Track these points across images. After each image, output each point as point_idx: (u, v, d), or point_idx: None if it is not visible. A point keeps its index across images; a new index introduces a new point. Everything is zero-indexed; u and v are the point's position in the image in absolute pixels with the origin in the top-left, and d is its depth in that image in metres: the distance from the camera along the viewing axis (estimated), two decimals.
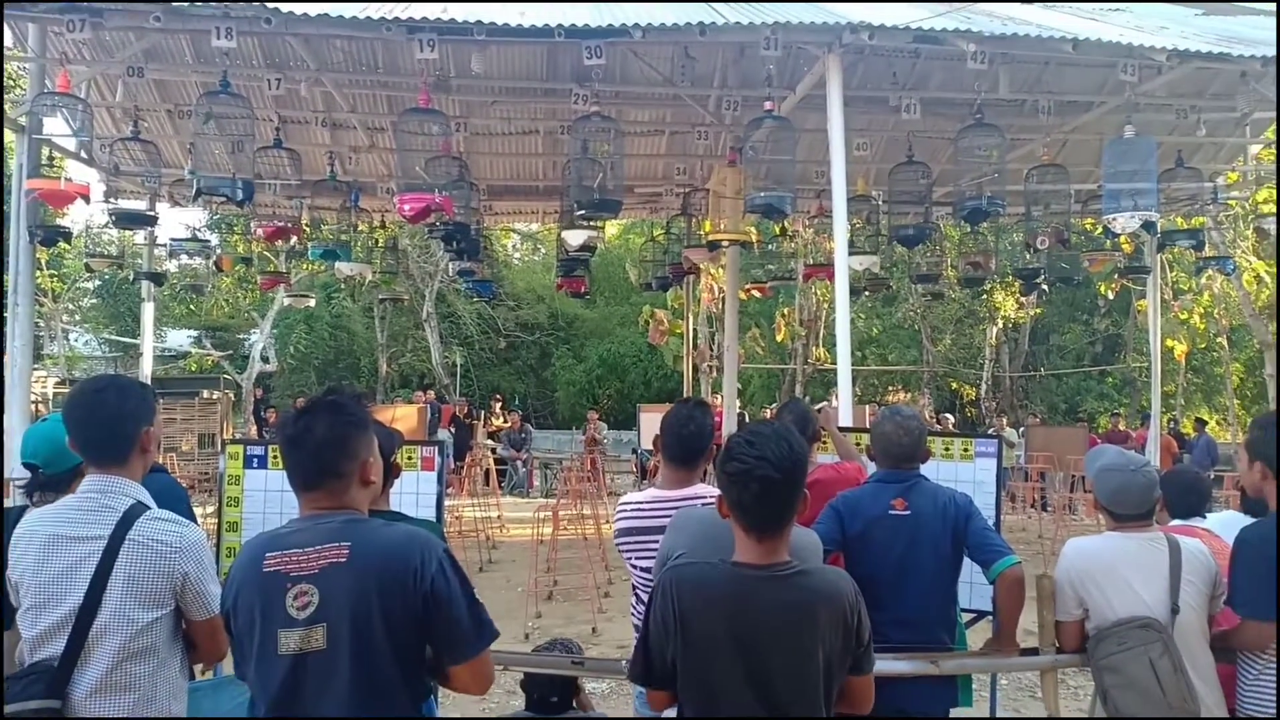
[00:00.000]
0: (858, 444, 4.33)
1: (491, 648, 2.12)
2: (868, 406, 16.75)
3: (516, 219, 15.35)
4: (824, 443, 4.25)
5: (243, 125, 6.86)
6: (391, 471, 2.78)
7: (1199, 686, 2.78)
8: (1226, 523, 3.41)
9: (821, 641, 2.03)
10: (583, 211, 7.08)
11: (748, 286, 12.29)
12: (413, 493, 3.75)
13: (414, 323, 25.59)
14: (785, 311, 19.97)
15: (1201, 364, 21.49)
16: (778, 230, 10.92)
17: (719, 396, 14.65)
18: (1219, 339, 18.72)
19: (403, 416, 13.29)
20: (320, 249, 9.66)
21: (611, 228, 24.75)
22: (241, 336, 25.85)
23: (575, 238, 7.90)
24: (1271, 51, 6.10)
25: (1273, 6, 8.03)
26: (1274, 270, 15.76)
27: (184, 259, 11.84)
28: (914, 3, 7.45)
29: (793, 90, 7.43)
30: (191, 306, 24.22)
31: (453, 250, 8.98)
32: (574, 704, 3.25)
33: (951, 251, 12.91)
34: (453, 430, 16.09)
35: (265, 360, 22.02)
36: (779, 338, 20.15)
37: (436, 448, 3.98)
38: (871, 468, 3.50)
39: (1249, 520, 3.22)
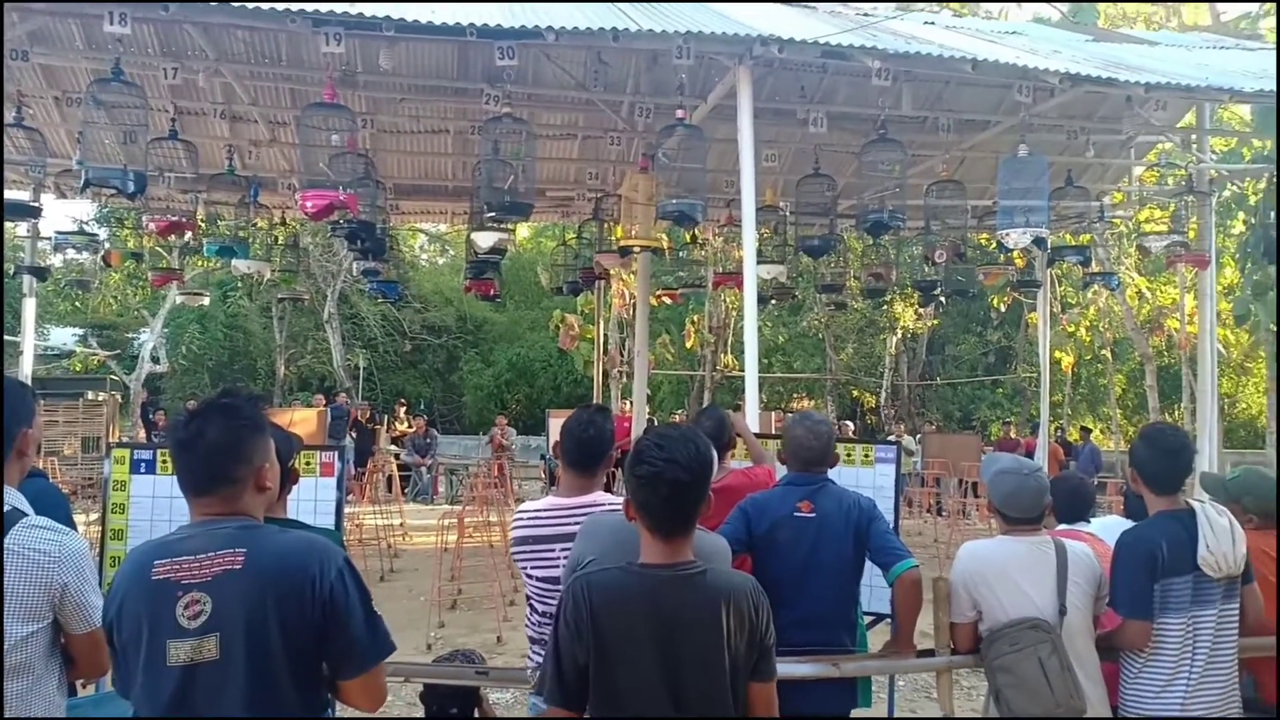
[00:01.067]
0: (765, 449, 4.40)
1: (392, 659, 2.07)
2: (773, 413, 17.04)
3: (424, 219, 15.08)
4: (735, 452, 4.29)
5: (136, 115, 6.54)
6: (289, 477, 2.69)
7: (1085, 684, 2.90)
8: (1109, 527, 3.57)
9: (728, 640, 2.06)
10: (493, 213, 7.00)
11: (658, 293, 12.35)
12: (311, 499, 3.64)
13: (315, 324, 24.91)
14: (695, 318, 20.17)
15: (1087, 375, 22.54)
16: (688, 238, 11.02)
17: (629, 402, 14.69)
18: (1103, 351, 19.66)
19: (301, 420, 12.93)
20: (216, 245, 9.30)
21: (523, 231, 24.59)
22: (130, 335, 24.74)
23: (485, 240, 7.80)
24: (1154, 78, 6.44)
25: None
26: (1154, 286, 16.66)
27: (70, 253, 11.27)
28: (823, 2, 7.63)
29: (704, 99, 7.50)
30: (77, 303, 23.07)
31: (357, 249, 8.77)
32: (475, 715, 3.20)
33: (854, 263, 13.23)
34: (354, 435, 15.72)
35: (155, 361, 21.10)
36: (689, 344, 20.34)
37: (336, 453, 3.87)
38: (783, 471, 3.56)
39: (1130, 524, 3.38)
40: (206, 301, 13.74)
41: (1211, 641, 2.98)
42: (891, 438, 16.48)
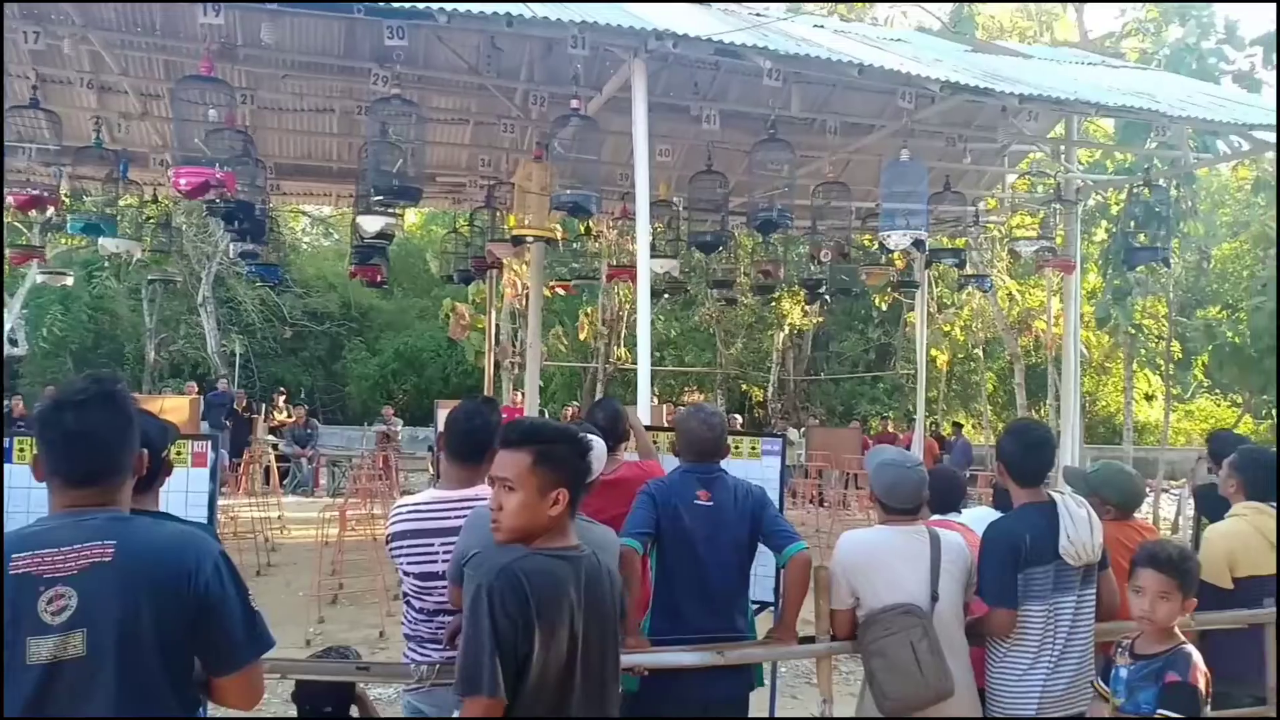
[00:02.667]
0: (655, 442, 4.45)
1: (267, 655, 2.00)
2: (665, 406, 17.20)
3: (307, 200, 14.60)
4: (628, 444, 4.31)
5: None
6: (163, 468, 2.56)
7: (954, 667, 3.02)
8: (979, 518, 3.72)
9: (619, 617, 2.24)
10: (380, 197, 6.82)
11: (552, 284, 12.29)
12: (182, 491, 3.47)
13: (188, 307, 23.82)
14: (588, 311, 20.14)
15: (960, 373, 23.52)
16: (583, 229, 10.99)
17: (521, 393, 14.58)
18: (976, 350, 20.54)
19: (173, 408, 12.32)
20: (81, 222, 8.75)
21: (412, 216, 24.05)
22: None
23: (372, 224, 7.60)
24: (1028, 90, 6.75)
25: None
26: (1023, 289, 17.50)
27: None
28: (716, 1, 7.71)
29: (599, 91, 7.50)
30: None
31: (234, 230, 8.42)
32: (354, 713, 3.11)
33: (744, 260, 13.48)
34: (229, 424, 15.10)
35: (14, 343, 19.80)
36: (582, 336, 20.28)
37: (209, 442, 3.71)
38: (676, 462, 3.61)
39: (998, 515, 3.55)
40: (70, 281, 12.94)
41: (1070, 626, 3.15)
42: (778, 431, 16.85)
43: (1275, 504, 3.99)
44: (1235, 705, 3.86)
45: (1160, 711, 2.77)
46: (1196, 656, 2.86)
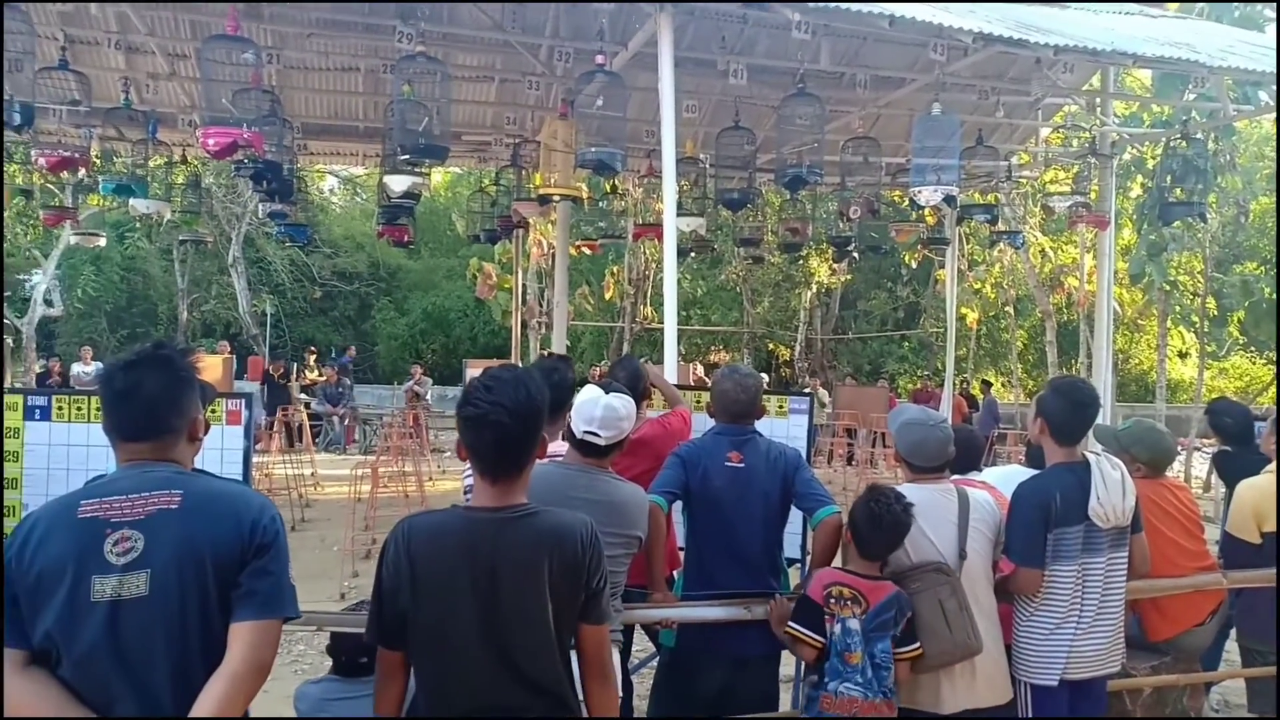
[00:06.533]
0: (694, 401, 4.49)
1: (304, 607, 2.06)
2: (691, 365, 17.22)
3: (334, 160, 14.60)
4: (651, 401, 4.34)
5: (21, 42, 6.14)
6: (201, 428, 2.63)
7: (981, 623, 3.03)
8: (1008, 476, 3.71)
9: (550, 583, 2.06)
10: (407, 156, 6.81)
11: (578, 243, 12.25)
12: (217, 449, 3.54)
13: (219, 267, 24.04)
14: (614, 270, 20.08)
15: (990, 330, 23.28)
16: (608, 188, 10.92)
17: (548, 353, 14.63)
18: (1006, 308, 20.29)
19: (206, 367, 12.51)
20: (112, 183, 8.82)
21: (438, 176, 24.01)
22: (21, 277, 23.48)
23: (399, 183, 7.59)
24: (1063, 41, 6.58)
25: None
26: (1056, 245, 17.24)
27: None
28: None
29: (624, 46, 7.41)
30: None
31: (263, 191, 8.45)
32: None
33: (772, 217, 13.35)
34: (264, 387, 15.31)
35: (49, 304, 20.10)
36: (608, 296, 20.25)
37: (244, 400, 3.76)
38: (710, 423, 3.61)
39: (1025, 472, 3.53)
40: (102, 242, 13.11)
41: (1102, 587, 3.14)
42: (807, 390, 16.83)
43: None
44: (1265, 663, 3.87)
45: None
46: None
